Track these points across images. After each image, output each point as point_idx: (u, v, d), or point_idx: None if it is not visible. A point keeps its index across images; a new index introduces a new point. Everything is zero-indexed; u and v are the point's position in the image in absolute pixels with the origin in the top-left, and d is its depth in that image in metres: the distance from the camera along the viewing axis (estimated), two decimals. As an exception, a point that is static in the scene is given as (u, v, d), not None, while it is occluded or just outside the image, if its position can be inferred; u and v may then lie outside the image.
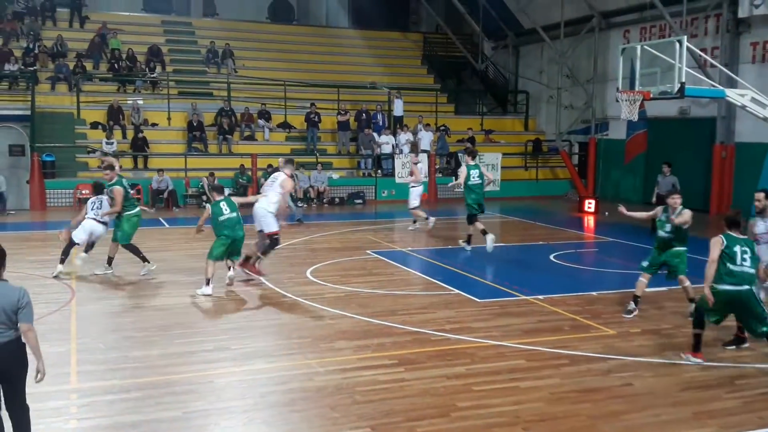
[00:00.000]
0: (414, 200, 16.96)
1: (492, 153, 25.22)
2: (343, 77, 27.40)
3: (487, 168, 24.64)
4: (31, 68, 23.20)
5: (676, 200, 9.25)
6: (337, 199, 22.59)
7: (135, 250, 11.79)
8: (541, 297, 10.39)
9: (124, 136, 22.56)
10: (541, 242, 15.52)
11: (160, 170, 20.88)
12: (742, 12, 18.91)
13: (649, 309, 9.85)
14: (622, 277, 12.14)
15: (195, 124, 23.00)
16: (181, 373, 7.23)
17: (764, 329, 7.24)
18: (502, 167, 24.90)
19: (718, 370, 7.38)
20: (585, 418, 6.16)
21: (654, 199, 16.26)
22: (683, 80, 13.78)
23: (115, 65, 24.79)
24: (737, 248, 7.31)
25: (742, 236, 7.55)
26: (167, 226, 17.90)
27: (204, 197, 19.95)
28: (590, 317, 9.33)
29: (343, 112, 24.70)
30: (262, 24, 31.32)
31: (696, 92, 14.97)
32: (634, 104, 14.64)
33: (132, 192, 12.72)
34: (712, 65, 16.99)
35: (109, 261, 11.86)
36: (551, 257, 13.56)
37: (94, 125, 22.68)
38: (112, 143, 21.94)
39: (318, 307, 9.81)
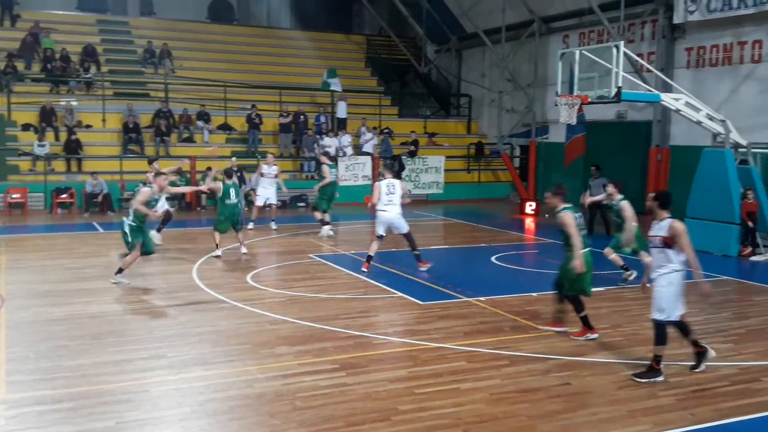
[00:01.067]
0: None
1: (435, 156, 25.42)
2: (285, 78, 27.19)
3: (428, 171, 24.87)
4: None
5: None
6: (279, 202, 22.32)
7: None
8: (482, 298, 10.47)
9: (57, 139, 21.86)
10: (483, 244, 15.67)
11: (94, 173, 20.27)
12: (677, 18, 19.52)
13: (587, 310, 9.99)
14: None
15: (131, 126, 22.45)
16: (115, 382, 7.00)
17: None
18: (445, 170, 25.12)
19: (653, 368, 7.53)
20: (524, 418, 6.21)
21: (587, 201, 16.56)
22: (620, 85, 14.13)
23: (48, 65, 24.01)
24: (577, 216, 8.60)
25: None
26: (101, 230, 17.40)
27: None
28: (530, 318, 9.44)
29: (284, 114, 24.48)
30: (202, 24, 30.86)
31: (632, 96, 15.36)
32: (572, 108, 14.92)
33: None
34: (648, 70, 17.47)
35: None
36: (493, 259, 13.70)
37: (26, 127, 21.91)
38: (45, 146, 21.24)
39: (258, 312, 9.65)
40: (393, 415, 6.23)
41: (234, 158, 20.63)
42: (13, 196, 19.93)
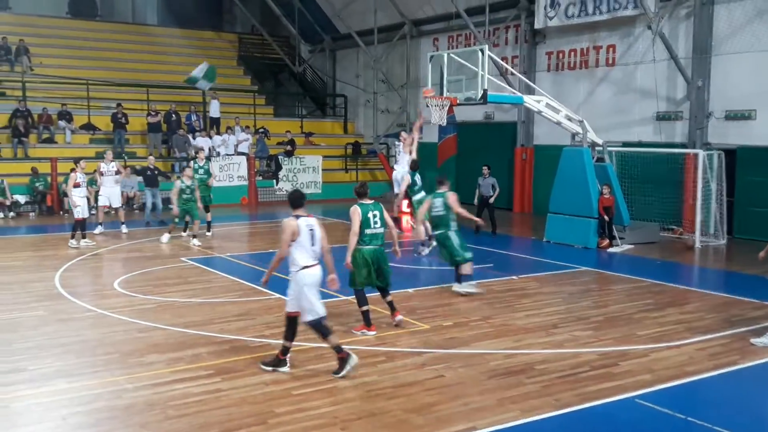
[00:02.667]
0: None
1: (312, 155, 25.38)
2: (153, 76, 26.24)
3: (306, 171, 24.79)
4: None
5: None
6: (123, 206, 21.43)
7: None
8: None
9: None
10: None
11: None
12: (538, 23, 20.53)
13: (459, 303, 10.36)
14: (438, 274, 12.69)
15: (-15, 126, 20.91)
16: (-35, 400, 6.52)
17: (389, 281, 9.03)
18: (322, 169, 25.14)
19: (521, 356, 7.90)
20: (400, 413, 6.33)
21: (476, 201, 17.17)
22: (486, 87, 14.68)
23: None
24: (370, 214, 8.69)
25: (370, 202, 8.80)
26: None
27: None
28: (406, 313, 9.61)
29: (153, 113, 23.59)
30: (62, 19, 29.17)
31: (498, 98, 16.00)
32: (443, 109, 15.34)
33: None
34: (513, 73, 18.25)
35: None
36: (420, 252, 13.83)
37: None
38: None
39: (126, 320, 9.27)
40: (269, 418, 6.18)
41: (151, 156, 19.76)
42: None
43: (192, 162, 15.24)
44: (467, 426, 6.05)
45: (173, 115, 23.94)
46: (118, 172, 16.89)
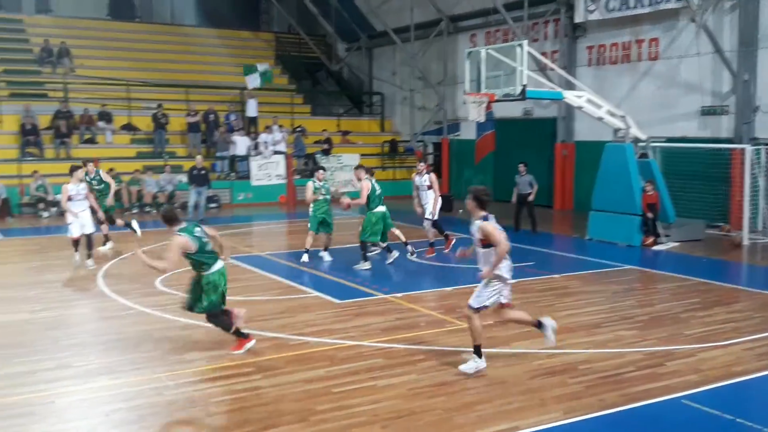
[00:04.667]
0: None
1: (350, 154, 25.39)
2: (192, 77, 26.53)
3: (344, 169, 24.83)
4: None
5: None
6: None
7: None
8: (398, 295, 10.52)
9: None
10: (397, 241, 15.73)
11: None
12: (578, 17, 20.21)
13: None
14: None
15: (29, 128, 21.37)
16: (18, 394, 6.64)
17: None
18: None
19: (563, 356, 7.76)
20: (440, 412, 6.25)
21: (514, 199, 16.99)
22: (525, 83, 14.50)
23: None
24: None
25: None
26: (1, 237, 16.48)
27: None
28: (445, 312, 9.54)
29: (192, 113, 23.87)
30: (102, 21, 29.66)
31: (537, 94, 15.80)
32: (480, 106, 15.20)
33: None
34: (552, 68, 18.01)
35: None
36: (408, 255, 13.77)
37: None
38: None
39: (168, 317, 9.36)
40: (310, 416, 6.16)
41: (199, 156, 19.98)
42: None
43: (311, 182, 13.50)
44: (510, 426, 5.95)
45: (211, 115, 24.19)
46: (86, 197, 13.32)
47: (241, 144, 23.75)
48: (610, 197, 15.46)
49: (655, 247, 14.79)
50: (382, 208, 12.76)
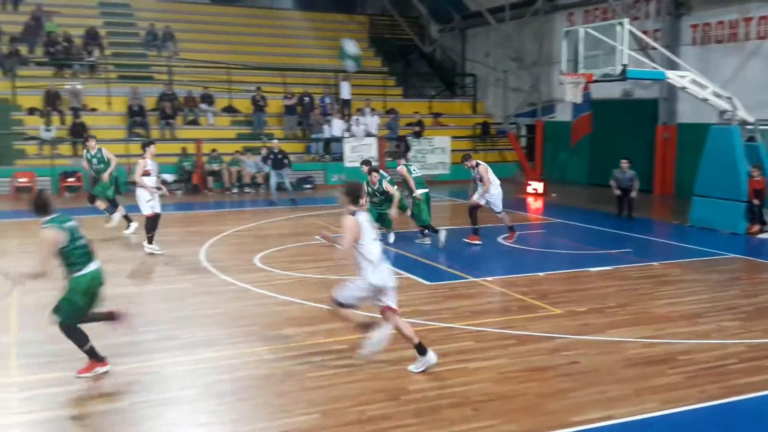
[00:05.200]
0: None
1: (441, 136, 25.34)
2: (289, 60, 27.05)
3: (435, 152, 24.82)
4: (-37, 52, 22.26)
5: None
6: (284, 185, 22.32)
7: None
8: (489, 279, 10.48)
9: (63, 122, 21.86)
10: (489, 224, 15.64)
11: (101, 157, 20.29)
12: (682, -6, 19.34)
13: (594, 288, 10.04)
14: (569, 258, 12.38)
15: (136, 109, 22.43)
16: (126, 363, 7.04)
17: None
18: (451, 150, 25.06)
19: (662, 346, 7.55)
20: (532, 397, 6.23)
21: (617, 192, 16.37)
22: (625, 63, 14.02)
23: (51, 49, 23.92)
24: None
25: None
26: (109, 214, 17.39)
27: None
28: (537, 297, 9.44)
29: (289, 96, 24.40)
30: (204, 5, 30.64)
31: (638, 74, 15.25)
32: (577, 87, 14.84)
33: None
34: (654, 47, 17.33)
35: None
36: (499, 239, 13.68)
37: (31, 111, 21.90)
38: (51, 129, 21.25)
39: (266, 294, 9.69)
40: (402, 395, 6.26)
41: (275, 140, 20.63)
42: (21, 180, 19.99)
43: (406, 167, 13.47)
44: (603, 414, 5.86)
45: (306, 98, 24.66)
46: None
47: (335, 126, 24.12)
48: (715, 182, 14.79)
49: (761, 236, 14.07)
50: (424, 190, 13.43)
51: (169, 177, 21.18)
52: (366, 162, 13.45)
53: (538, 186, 21.25)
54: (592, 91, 19.18)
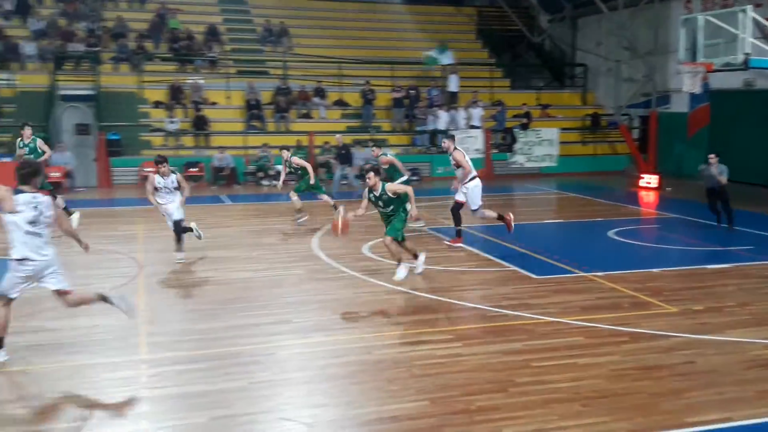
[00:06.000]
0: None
1: (549, 128, 24.89)
2: (398, 53, 27.30)
3: (542, 144, 24.41)
4: (95, 49, 23.81)
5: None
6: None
7: None
8: (599, 274, 10.28)
9: (186, 115, 23.05)
10: (599, 218, 15.31)
11: (221, 148, 21.34)
12: (814, -23, 18.09)
13: (712, 287, 9.67)
14: (685, 254, 11.94)
15: (253, 103, 23.33)
16: (244, 345, 7.44)
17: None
18: (559, 142, 24.59)
19: (784, 349, 7.21)
20: (646, 396, 6.12)
21: (725, 181, 15.48)
22: (748, 51, 13.35)
23: (175, 45, 25.22)
24: None
25: None
26: (229, 203, 18.29)
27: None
28: (651, 294, 9.20)
29: (397, 89, 24.67)
30: (317, 1, 31.29)
31: (761, 63, 14.44)
32: (696, 77, 14.27)
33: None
34: (781, 35, 16.31)
35: None
36: (610, 233, 13.37)
37: (157, 104, 23.21)
38: (174, 122, 22.44)
39: (375, 282, 9.92)
40: (509, 387, 6.30)
41: (339, 135, 21.12)
42: (147, 169, 21.23)
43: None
44: (721, 416, 5.69)
45: (413, 91, 24.86)
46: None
47: (441, 118, 24.18)
48: None
49: None
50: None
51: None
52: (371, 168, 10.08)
53: (651, 179, 20.52)
54: (710, 81, 18.33)
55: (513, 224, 12.18)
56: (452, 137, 12.65)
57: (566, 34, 29.82)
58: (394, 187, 10.00)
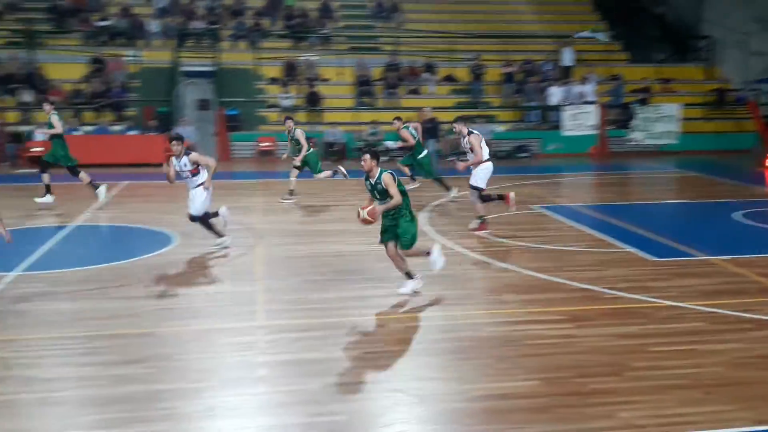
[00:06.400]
0: None
1: (670, 104, 23.73)
2: (509, 27, 26.74)
3: (662, 120, 23.32)
4: (215, 26, 24.69)
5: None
6: (501, 153, 22.28)
7: None
8: (724, 258, 9.76)
9: (299, 91, 23.58)
10: (723, 199, 14.52)
11: (333, 124, 21.76)
12: None
13: None
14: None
15: (363, 79, 23.56)
16: (356, 316, 7.60)
17: None
18: (681, 119, 23.41)
19: None
20: (772, 386, 5.81)
21: None
22: None
23: (290, 23, 25.76)
24: None
25: None
26: (340, 178, 18.56)
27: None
28: (777, 280, 8.68)
29: (508, 64, 24.20)
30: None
31: None
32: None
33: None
34: None
35: None
36: (735, 215, 12.65)
37: (272, 81, 23.87)
38: (290, 98, 23.03)
39: (484, 260, 9.87)
40: (624, 371, 6.13)
41: (427, 108, 20.79)
42: (263, 144, 22.00)
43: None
44: None
45: (527, 65, 24.31)
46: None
47: (554, 94, 23.56)
48: None
49: None
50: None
51: (392, 144, 22.08)
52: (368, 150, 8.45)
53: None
54: None
55: (513, 202, 11.49)
56: (465, 119, 11.84)
57: (691, 3, 28.21)
58: (387, 179, 7.99)
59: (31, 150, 19.29)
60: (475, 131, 11.64)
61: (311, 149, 14.89)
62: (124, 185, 16.61)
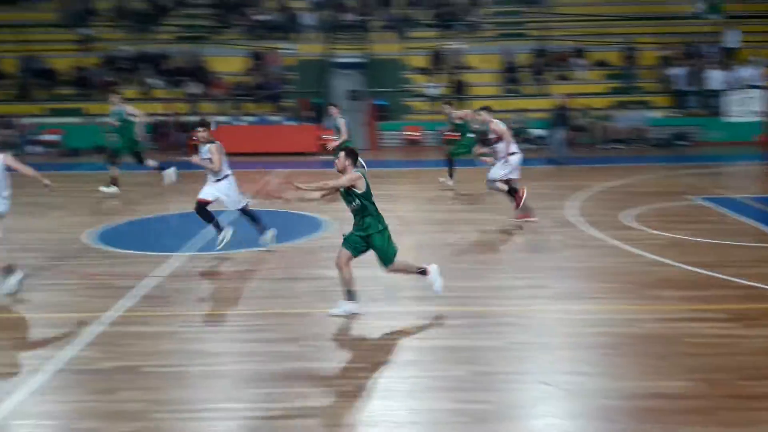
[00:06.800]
0: None
1: None
2: (665, 8, 25.24)
3: None
4: (365, 17, 25.19)
5: None
6: (660, 141, 21.23)
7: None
8: None
9: (447, 81, 23.58)
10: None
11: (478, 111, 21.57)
12: None
13: None
14: None
15: (509, 66, 23.21)
16: (501, 305, 7.57)
17: None
18: None
19: None
20: None
21: None
22: None
23: (438, 11, 25.76)
24: None
25: None
26: (487, 166, 18.45)
27: None
28: None
29: (664, 47, 22.93)
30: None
31: None
32: None
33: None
34: None
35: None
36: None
37: (419, 70, 24.04)
38: (436, 87, 23.13)
39: (638, 252, 9.46)
40: (795, 378, 5.70)
41: (562, 94, 20.02)
42: (409, 133, 22.28)
43: None
44: None
45: (686, 47, 22.94)
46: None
47: (715, 78, 22.06)
48: None
49: None
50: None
51: (539, 132, 21.61)
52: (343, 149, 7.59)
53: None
54: None
55: (523, 200, 11.01)
56: (488, 108, 11.54)
57: None
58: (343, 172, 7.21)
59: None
60: (498, 120, 11.35)
61: (468, 135, 14.54)
62: (286, 173, 17.09)
